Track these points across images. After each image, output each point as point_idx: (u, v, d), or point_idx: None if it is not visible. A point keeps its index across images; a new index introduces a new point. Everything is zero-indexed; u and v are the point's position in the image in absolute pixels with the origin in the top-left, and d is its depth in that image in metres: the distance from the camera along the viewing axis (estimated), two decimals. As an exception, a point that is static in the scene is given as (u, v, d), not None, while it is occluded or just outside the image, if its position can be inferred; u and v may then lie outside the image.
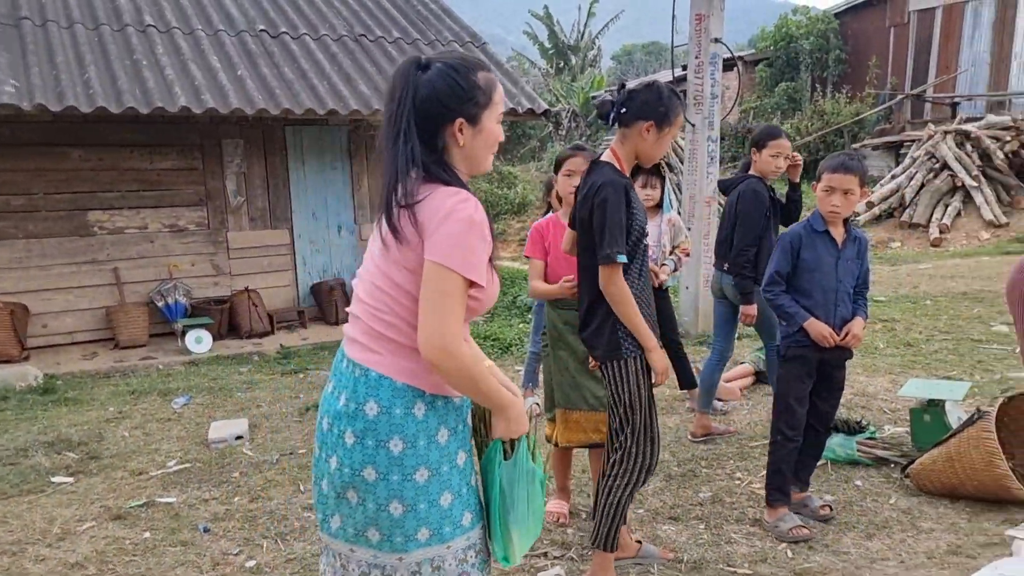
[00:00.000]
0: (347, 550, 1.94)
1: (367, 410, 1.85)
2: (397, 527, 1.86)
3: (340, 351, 1.99)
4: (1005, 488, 3.45)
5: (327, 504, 1.95)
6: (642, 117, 2.83)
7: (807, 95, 21.18)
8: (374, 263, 1.91)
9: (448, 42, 8.47)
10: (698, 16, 6.44)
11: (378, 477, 1.85)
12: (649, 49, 45.03)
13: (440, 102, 1.87)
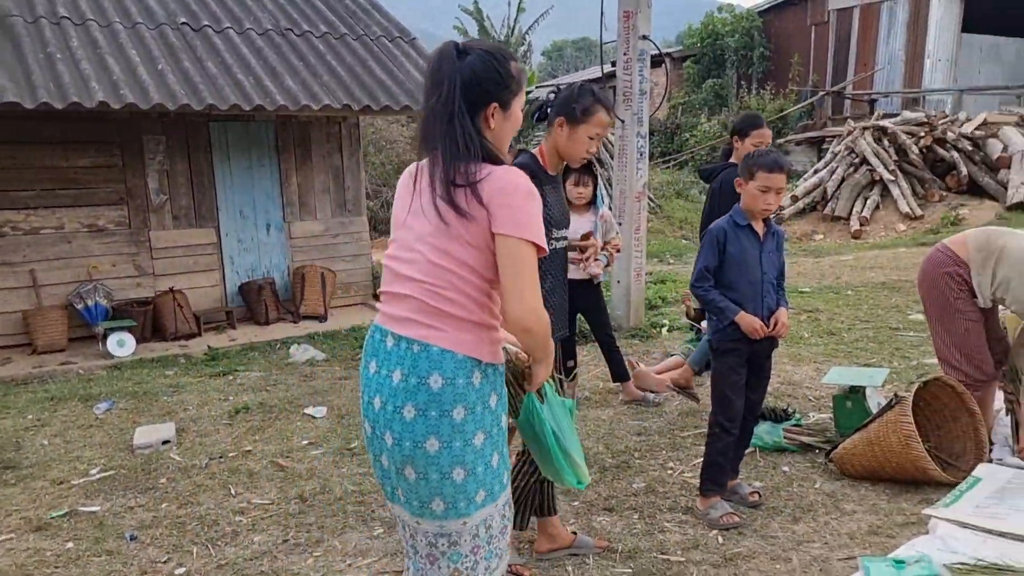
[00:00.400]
0: (413, 523, 2.09)
1: (431, 383, 1.97)
2: (460, 492, 2.01)
3: (380, 331, 2.08)
4: (922, 469, 3.59)
5: (391, 478, 2.08)
6: (557, 114, 2.97)
7: (733, 91, 21.68)
8: (425, 243, 2.01)
9: (377, 37, 8.37)
10: (626, 13, 6.51)
11: (441, 446, 1.98)
12: (580, 45, 45.39)
13: (480, 86, 2.01)
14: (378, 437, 2.06)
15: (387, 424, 2.01)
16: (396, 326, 2.04)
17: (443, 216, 1.97)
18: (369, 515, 3.78)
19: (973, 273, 3.84)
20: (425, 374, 1.97)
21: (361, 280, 8.78)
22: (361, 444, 4.70)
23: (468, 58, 2.02)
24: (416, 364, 1.98)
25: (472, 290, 2.00)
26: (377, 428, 2.06)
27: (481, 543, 2.09)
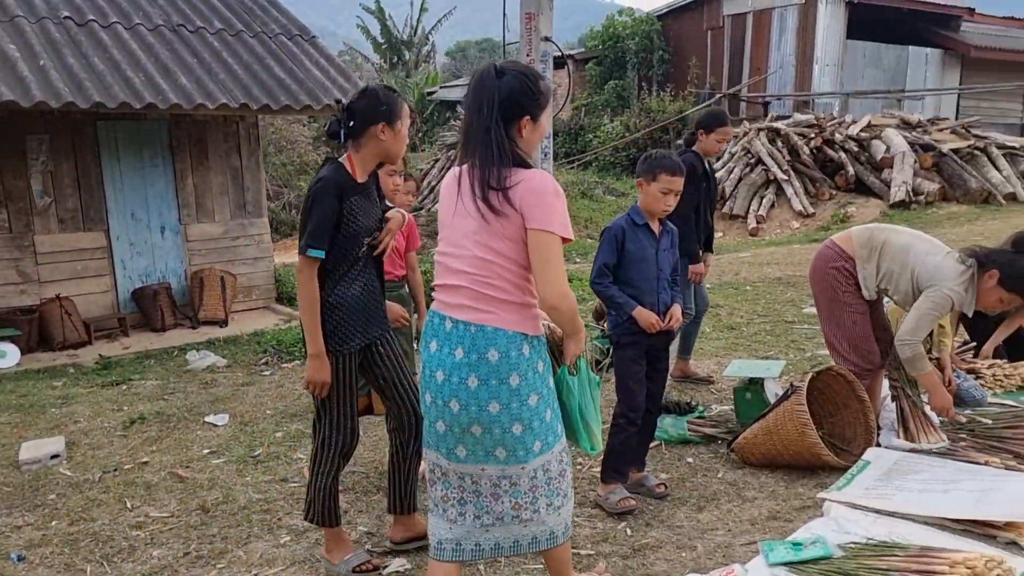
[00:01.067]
0: (478, 470, 2.49)
1: (489, 357, 2.38)
2: (519, 444, 2.44)
3: (439, 316, 2.48)
4: (816, 455, 3.75)
5: (449, 440, 2.48)
6: (371, 122, 2.92)
7: (634, 93, 22.13)
8: (471, 240, 2.39)
9: (275, 35, 8.16)
10: (528, 15, 6.55)
11: (501, 408, 2.40)
12: (483, 46, 45.47)
13: (516, 102, 2.37)
14: (440, 406, 2.46)
15: (453, 393, 2.42)
16: (453, 312, 2.44)
17: (484, 216, 2.35)
18: (275, 523, 3.67)
19: (859, 267, 4.03)
20: (483, 350, 2.38)
21: (263, 284, 8.55)
22: (266, 451, 4.58)
23: (505, 77, 2.38)
24: (475, 342, 2.38)
25: (513, 277, 2.39)
26: (440, 398, 2.45)
27: (540, 483, 2.52)
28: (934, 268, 3.82)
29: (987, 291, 3.82)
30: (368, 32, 26.83)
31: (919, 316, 3.81)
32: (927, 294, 3.81)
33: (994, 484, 3.38)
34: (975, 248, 3.92)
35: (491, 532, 2.57)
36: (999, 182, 13.73)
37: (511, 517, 2.55)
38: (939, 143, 14.33)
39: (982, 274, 3.80)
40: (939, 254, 3.88)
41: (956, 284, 3.75)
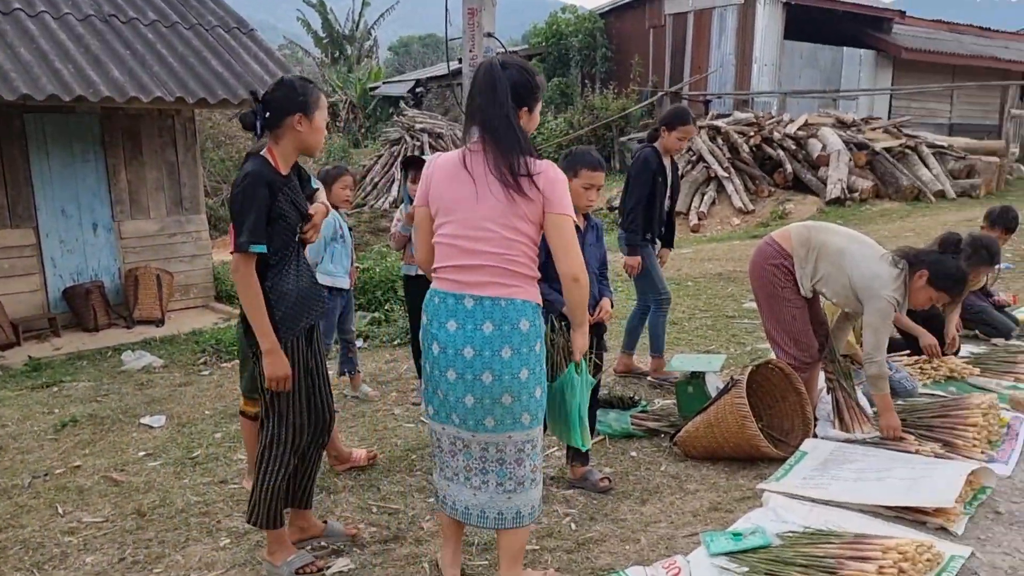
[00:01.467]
0: (504, 438, 2.66)
1: (522, 327, 2.59)
2: (539, 406, 2.68)
3: (453, 296, 2.62)
4: (756, 447, 3.82)
5: (478, 412, 2.62)
6: (287, 113, 2.86)
7: (578, 90, 22.26)
8: (496, 222, 2.56)
9: (212, 27, 7.98)
10: (471, 10, 6.53)
11: (529, 374, 2.62)
12: (426, 41, 45.21)
13: (518, 93, 2.59)
14: (469, 380, 2.60)
15: (486, 366, 2.57)
16: (475, 289, 2.59)
17: (513, 199, 2.54)
18: (214, 526, 3.59)
19: (796, 266, 4.12)
20: (516, 321, 2.58)
21: (201, 281, 8.36)
22: (204, 452, 4.48)
23: (508, 71, 2.59)
24: (507, 315, 2.57)
25: (532, 254, 2.64)
26: (470, 372, 2.59)
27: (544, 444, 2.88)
28: (871, 276, 3.91)
29: (918, 290, 3.95)
30: (309, 26, 26.45)
31: (874, 331, 3.91)
32: (869, 307, 3.90)
33: (924, 472, 3.48)
34: (905, 249, 4.04)
35: (512, 499, 2.73)
36: (929, 180, 14.18)
37: (530, 481, 2.74)
38: (872, 142, 14.74)
39: (912, 274, 3.92)
40: (874, 258, 3.98)
41: (893, 289, 3.86)
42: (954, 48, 22.92)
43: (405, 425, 4.82)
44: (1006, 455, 3.83)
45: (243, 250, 2.80)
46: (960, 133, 20.75)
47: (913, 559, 2.78)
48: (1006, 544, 3.10)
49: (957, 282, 3.98)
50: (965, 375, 4.99)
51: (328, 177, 4.93)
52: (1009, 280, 7.67)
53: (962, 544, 3.05)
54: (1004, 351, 5.37)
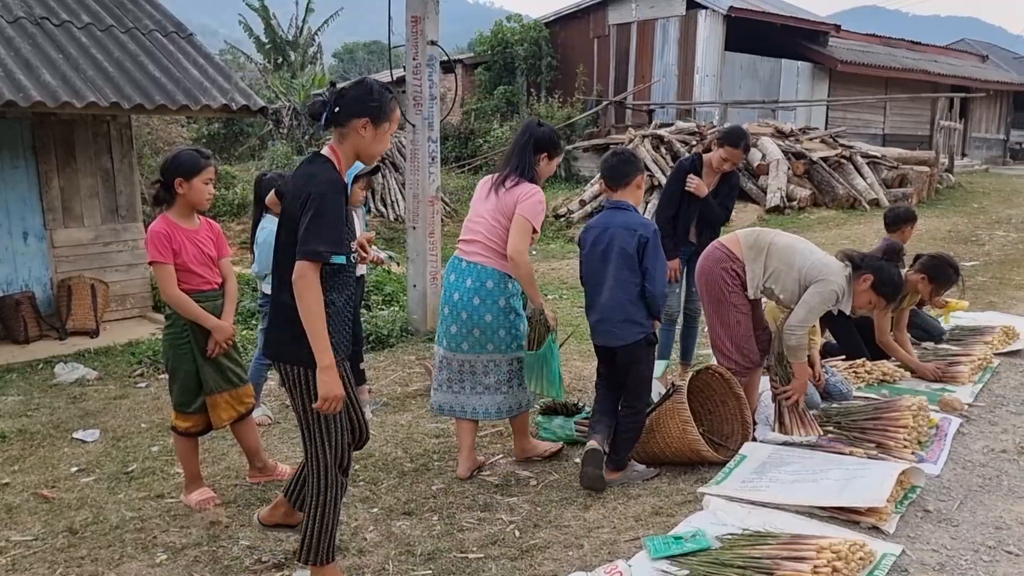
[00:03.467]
0: (474, 357, 3.97)
1: (487, 285, 3.88)
2: (502, 341, 3.94)
3: (457, 258, 3.99)
4: (696, 452, 3.88)
5: (458, 338, 3.95)
6: (356, 114, 2.77)
7: (524, 98, 22.34)
8: (489, 214, 3.87)
9: (149, 31, 7.80)
10: (414, 19, 6.52)
11: (492, 318, 3.90)
12: (371, 48, 44.91)
13: (543, 142, 3.94)
14: (454, 315, 3.93)
15: (464, 307, 3.90)
16: (468, 256, 3.92)
17: (499, 197, 3.85)
18: (151, 542, 3.51)
19: (747, 267, 4.22)
20: (484, 280, 3.88)
21: (138, 291, 8.15)
22: (141, 466, 4.38)
23: (543, 128, 3.97)
24: (480, 276, 3.89)
25: (504, 240, 3.81)
26: (455, 310, 3.93)
27: (514, 369, 4.01)
28: (821, 264, 4.08)
29: (860, 293, 4.10)
30: (251, 31, 26.04)
31: (808, 308, 4.06)
32: (815, 288, 4.04)
33: (857, 472, 3.58)
34: (851, 252, 4.18)
35: (482, 399, 4.02)
36: (864, 189, 14.59)
37: (494, 388, 4.01)
38: (810, 151, 15.10)
39: (857, 277, 4.08)
40: (820, 253, 4.16)
41: (841, 279, 4.02)
42: (887, 61, 23.68)
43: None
44: (935, 455, 3.96)
45: (321, 259, 2.66)
46: (893, 144, 21.43)
47: (846, 558, 2.85)
48: (934, 541, 3.20)
49: (897, 289, 4.18)
50: (897, 379, 5.14)
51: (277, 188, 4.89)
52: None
53: (893, 542, 3.15)
54: (934, 355, 5.55)
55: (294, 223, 2.73)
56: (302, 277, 2.66)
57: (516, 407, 4.08)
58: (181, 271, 3.66)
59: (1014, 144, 30.27)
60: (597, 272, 3.84)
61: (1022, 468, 3.88)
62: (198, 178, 3.63)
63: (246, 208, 12.83)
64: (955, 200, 15.60)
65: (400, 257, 7.40)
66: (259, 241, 4.89)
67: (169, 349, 3.79)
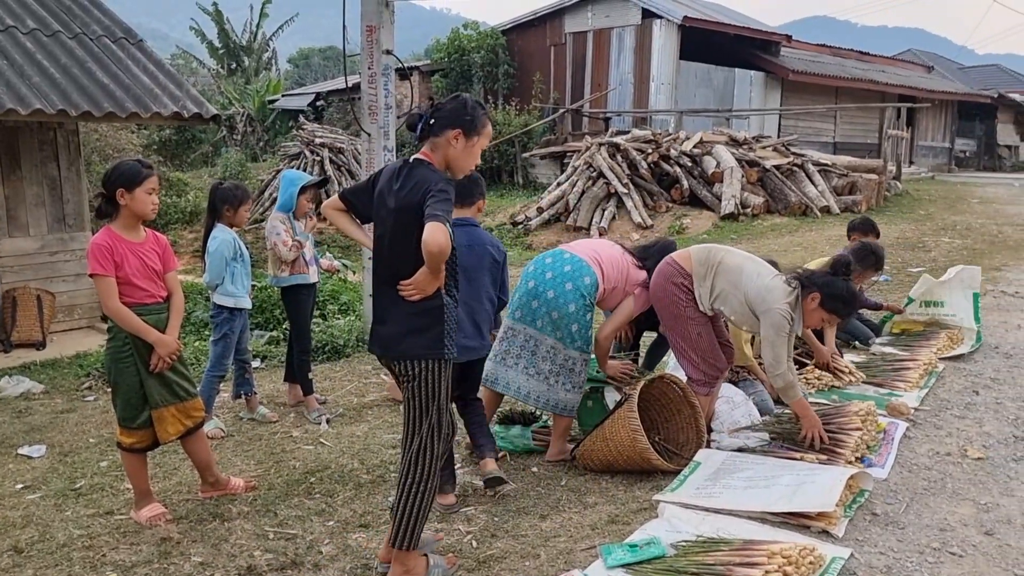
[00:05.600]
0: (540, 337, 4.20)
1: (585, 280, 4.18)
2: (572, 335, 4.21)
3: (561, 251, 4.26)
4: (647, 460, 3.91)
5: (537, 312, 4.17)
6: (449, 126, 2.97)
7: (480, 106, 22.35)
8: (613, 249, 4.36)
9: (97, 36, 7.66)
10: (369, 28, 6.49)
11: (575, 310, 4.19)
12: (327, 54, 44.63)
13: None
14: (542, 292, 4.19)
15: (553, 286, 4.16)
16: (574, 250, 4.23)
17: (623, 264, 4.39)
18: (99, 560, 3.43)
19: (696, 284, 4.22)
20: (583, 275, 4.19)
21: (87, 302, 7.98)
22: (89, 482, 4.28)
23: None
24: (582, 269, 4.17)
25: (611, 271, 4.29)
26: (544, 286, 4.18)
27: (566, 367, 4.21)
28: (764, 289, 4.05)
29: (811, 312, 4.11)
30: (204, 36, 25.71)
31: (771, 345, 4.03)
32: (764, 321, 4.03)
33: (808, 478, 3.64)
34: (798, 271, 4.20)
35: (529, 382, 4.16)
36: (815, 196, 14.88)
37: (544, 376, 4.13)
38: (763, 159, 15.37)
39: (805, 296, 4.08)
40: (768, 275, 4.13)
41: (784, 304, 4.00)
42: (837, 71, 24.22)
43: (304, 447, 4.73)
44: (883, 459, 4.04)
45: (449, 225, 2.81)
46: (843, 151, 21.92)
47: (797, 563, 2.90)
48: (882, 544, 3.27)
49: (847, 304, 4.17)
50: (854, 380, 5.25)
51: (234, 199, 4.85)
52: (886, 291, 8.12)
53: (842, 546, 3.21)
54: (882, 359, 5.68)
55: (411, 214, 2.90)
56: (440, 228, 2.75)
57: (555, 404, 4.20)
58: (123, 284, 3.60)
59: (959, 152, 31.20)
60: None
61: (965, 471, 3.99)
62: (140, 188, 3.57)
63: (199, 216, 12.67)
64: (903, 207, 15.99)
65: (356, 266, 7.34)
66: (210, 250, 4.83)
67: (111, 363, 3.71)
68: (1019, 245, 11.23)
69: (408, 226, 2.94)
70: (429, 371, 3.00)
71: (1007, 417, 4.69)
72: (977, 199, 17.81)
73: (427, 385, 3.00)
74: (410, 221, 2.92)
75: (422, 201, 2.87)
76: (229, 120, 20.84)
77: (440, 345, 2.99)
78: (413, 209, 2.91)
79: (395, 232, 3.02)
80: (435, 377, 3.00)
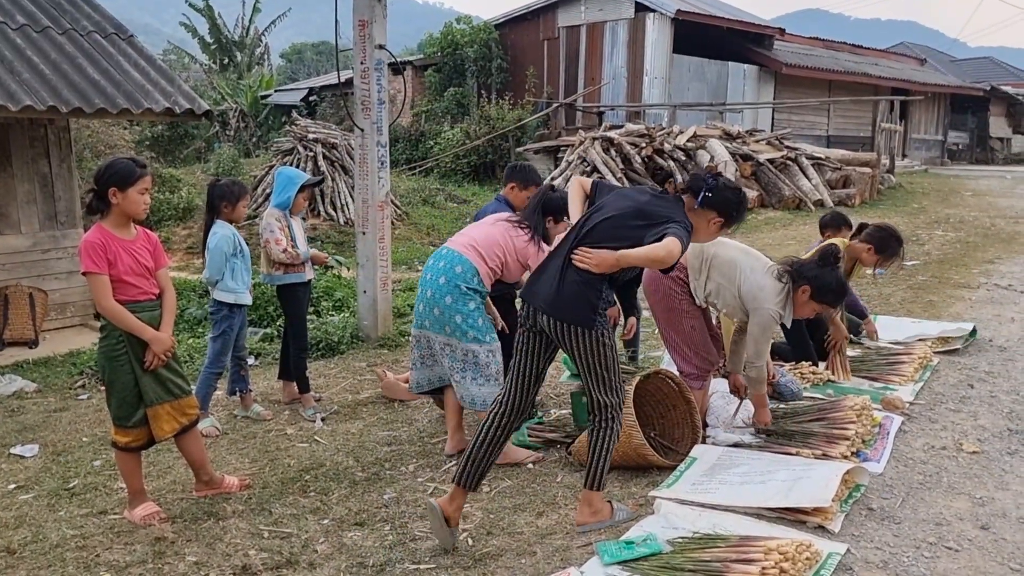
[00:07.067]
0: (432, 335, 4.23)
1: (456, 269, 4.15)
2: (458, 328, 4.15)
3: (442, 248, 4.29)
4: (643, 456, 3.91)
5: (423, 315, 4.23)
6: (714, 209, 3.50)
7: (474, 100, 22.32)
8: (490, 232, 4.27)
9: (87, 32, 7.59)
10: (361, 22, 6.45)
11: (452, 301, 4.13)
12: (320, 48, 44.47)
13: (549, 207, 4.32)
14: (424, 292, 4.24)
15: (430, 284, 4.19)
16: (451, 245, 4.24)
17: (513, 233, 4.28)
18: (93, 561, 3.41)
19: (691, 278, 4.24)
20: (455, 264, 4.17)
21: (79, 300, 7.93)
22: (82, 482, 4.27)
23: (555, 192, 4.39)
24: (453, 260, 4.17)
25: (491, 253, 4.23)
26: (424, 287, 4.25)
27: (468, 361, 4.19)
28: (756, 287, 4.07)
29: (802, 305, 4.14)
30: (195, 31, 25.58)
31: (755, 340, 4.10)
32: (753, 318, 4.08)
33: (803, 473, 3.65)
34: (789, 264, 4.21)
35: (433, 372, 4.35)
36: (809, 190, 14.91)
37: (448, 374, 4.23)
38: (756, 153, 15.39)
39: (796, 289, 4.10)
40: (761, 271, 4.14)
41: (775, 303, 4.03)
42: (830, 64, 24.22)
43: (298, 445, 4.71)
44: (878, 454, 4.05)
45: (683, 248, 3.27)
46: (837, 145, 21.95)
47: (793, 559, 2.90)
48: (878, 539, 3.27)
49: (837, 294, 4.19)
50: (845, 379, 5.24)
51: (231, 195, 4.83)
52: (881, 285, 8.13)
53: (839, 541, 3.21)
54: (877, 354, 5.68)
55: (650, 223, 3.30)
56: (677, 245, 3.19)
57: (471, 400, 4.20)
58: (116, 282, 3.58)
59: (951, 145, 31.26)
60: None
61: (960, 464, 3.99)
62: (133, 188, 3.53)
63: (191, 212, 12.60)
64: (896, 200, 16.03)
65: (350, 262, 7.31)
66: (210, 246, 4.81)
67: (105, 361, 3.69)
68: (1012, 238, 11.26)
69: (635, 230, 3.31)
70: (588, 337, 3.30)
71: (1002, 410, 4.70)
72: (970, 192, 17.86)
73: (589, 350, 3.31)
74: (639, 228, 3.31)
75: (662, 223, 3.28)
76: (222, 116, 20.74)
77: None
78: (652, 220, 3.31)
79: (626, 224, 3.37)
80: (597, 340, 3.31)
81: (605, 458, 3.39)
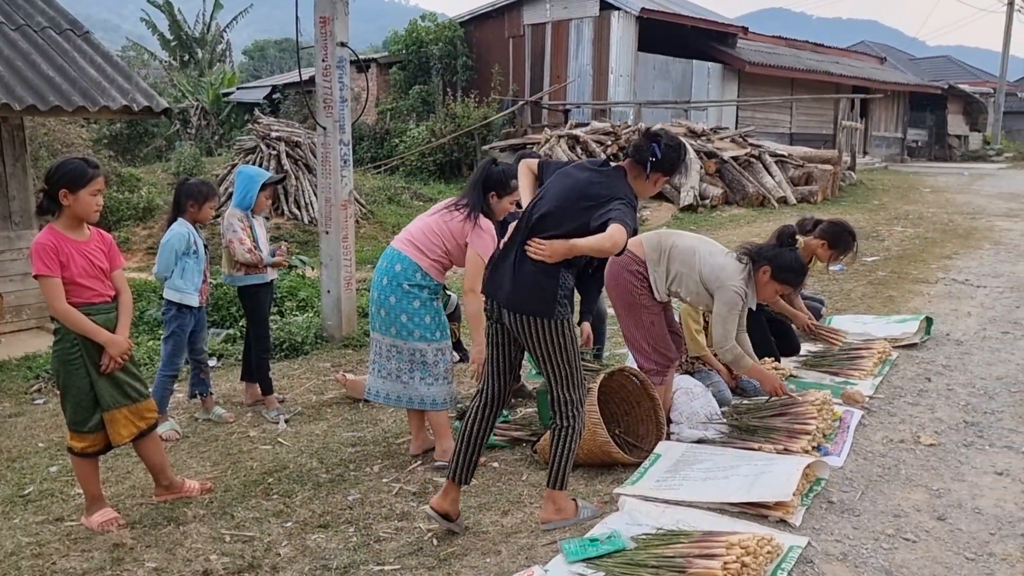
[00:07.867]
0: (379, 337, 4.22)
1: (396, 268, 4.14)
2: (404, 328, 4.12)
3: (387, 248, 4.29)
4: (607, 453, 3.92)
5: (374, 318, 4.22)
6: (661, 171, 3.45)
7: (440, 98, 22.23)
8: (429, 224, 4.23)
9: (42, 28, 7.43)
10: (322, 19, 6.38)
11: (396, 301, 4.10)
12: (283, 46, 44.02)
13: (490, 182, 4.19)
14: (372, 293, 4.22)
15: (375, 285, 4.20)
16: (394, 243, 4.24)
17: (448, 218, 4.22)
18: (49, 569, 3.34)
19: (650, 270, 4.27)
20: (395, 263, 4.15)
21: (35, 302, 7.76)
22: (38, 488, 4.19)
23: (497, 167, 4.23)
24: (394, 259, 4.17)
25: (433, 245, 4.18)
26: (372, 289, 4.22)
27: (416, 361, 4.17)
28: (718, 268, 4.16)
29: (764, 285, 4.24)
30: (155, 27, 25.18)
31: (722, 321, 4.17)
32: (717, 297, 4.14)
33: (765, 468, 3.68)
34: (747, 247, 4.29)
35: (384, 385, 4.23)
36: (772, 187, 15.07)
37: (395, 375, 4.18)
38: (721, 151, 15.51)
39: (757, 270, 4.19)
40: (720, 254, 4.26)
41: (738, 280, 4.12)
42: (792, 63, 24.52)
43: (261, 447, 4.66)
44: (838, 447, 4.10)
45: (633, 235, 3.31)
46: (799, 142, 22.21)
47: (755, 553, 2.92)
48: (838, 532, 3.32)
49: (797, 273, 4.33)
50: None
51: (199, 195, 4.77)
52: (841, 280, 8.25)
53: (800, 535, 3.24)
54: (838, 348, 5.75)
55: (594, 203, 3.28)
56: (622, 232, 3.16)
57: (420, 401, 4.20)
58: (70, 284, 3.50)
59: (911, 142, 31.81)
60: None
61: (918, 457, 4.06)
62: (84, 190, 3.45)
63: (152, 212, 12.39)
64: (857, 197, 16.26)
65: (314, 261, 7.24)
66: (162, 242, 4.75)
67: (60, 365, 3.60)
68: (968, 233, 11.48)
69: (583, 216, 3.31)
70: (547, 328, 3.31)
71: (958, 403, 4.79)
72: (929, 188, 18.18)
73: (547, 341, 3.31)
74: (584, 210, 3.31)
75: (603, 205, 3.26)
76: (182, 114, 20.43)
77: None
78: (594, 202, 3.30)
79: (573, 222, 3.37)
80: (557, 333, 3.31)
81: (568, 457, 3.38)
